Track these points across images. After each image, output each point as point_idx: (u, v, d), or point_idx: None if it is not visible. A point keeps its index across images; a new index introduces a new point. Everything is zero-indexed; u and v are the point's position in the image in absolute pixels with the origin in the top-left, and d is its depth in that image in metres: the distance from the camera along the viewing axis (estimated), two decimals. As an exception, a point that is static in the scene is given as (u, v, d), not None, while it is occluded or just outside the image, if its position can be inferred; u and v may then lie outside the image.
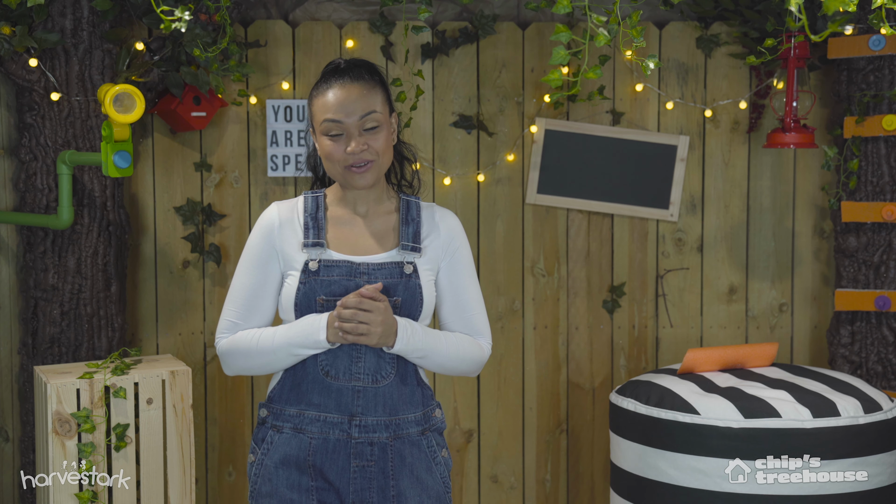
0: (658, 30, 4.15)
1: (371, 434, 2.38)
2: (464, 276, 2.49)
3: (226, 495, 4.14)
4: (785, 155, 4.20)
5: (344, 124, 2.36)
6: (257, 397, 4.13)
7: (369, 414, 2.38)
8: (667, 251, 4.22)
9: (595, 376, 4.25)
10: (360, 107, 2.36)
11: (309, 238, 2.41)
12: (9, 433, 3.96)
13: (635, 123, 4.17)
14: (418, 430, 2.43)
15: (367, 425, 2.38)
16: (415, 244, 2.43)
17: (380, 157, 2.38)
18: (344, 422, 2.37)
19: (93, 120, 3.70)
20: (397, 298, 2.38)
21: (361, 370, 2.37)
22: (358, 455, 2.38)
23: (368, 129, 2.37)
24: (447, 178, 4.12)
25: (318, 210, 2.44)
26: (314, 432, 2.37)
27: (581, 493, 4.28)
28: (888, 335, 3.93)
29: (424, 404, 2.45)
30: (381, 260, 2.41)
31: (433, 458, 2.45)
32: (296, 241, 2.42)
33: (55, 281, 3.71)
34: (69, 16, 3.64)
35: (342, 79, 2.38)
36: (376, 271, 2.39)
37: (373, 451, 2.39)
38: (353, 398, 2.37)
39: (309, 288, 2.37)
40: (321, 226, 2.42)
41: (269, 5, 4.08)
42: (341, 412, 2.37)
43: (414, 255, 2.42)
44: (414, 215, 2.47)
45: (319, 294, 2.36)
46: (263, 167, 4.07)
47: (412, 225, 2.45)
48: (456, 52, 4.12)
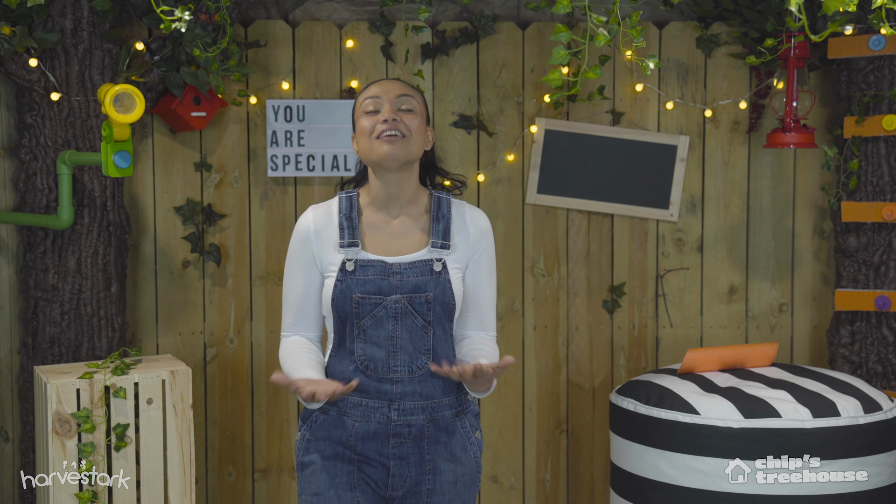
0: (658, 30, 4.15)
1: (409, 417, 2.53)
2: (485, 275, 2.63)
3: (226, 495, 4.14)
4: (785, 155, 4.20)
5: (381, 99, 2.53)
6: (257, 397, 4.13)
7: (407, 400, 2.53)
8: (667, 251, 4.22)
9: (595, 376, 4.25)
10: (397, 90, 2.55)
11: (345, 239, 2.54)
12: (9, 433, 3.96)
13: (635, 123, 4.17)
14: (452, 412, 2.58)
15: (405, 409, 2.53)
16: (444, 241, 2.56)
17: (412, 135, 2.52)
18: (384, 406, 2.53)
19: (93, 120, 3.71)
20: (429, 294, 2.51)
21: (399, 363, 2.52)
22: (397, 435, 2.54)
23: (404, 109, 2.54)
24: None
25: (351, 210, 2.58)
26: (356, 416, 2.53)
27: (581, 493, 4.28)
28: (888, 335, 3.93)
29: (459, 388, 2.59)
30: (412, 259, 2.54)
31: (468, 438, 2.61)
32: (332, 243, 2.56)
33: (55, 281, 3.71)
34: (69, 16, 3.64)
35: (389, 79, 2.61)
36: (407, 270, 2.52)
37: (410, 431, 2.54)
38: (391, 387, 2.52)
39: (345, 286, 2.51)
40: (355, 226, 2.56)
41: (269, 5, 4.08)
42: (381, 398, 2.53)
43: (443, 252, 2.56)
44: (444, 212, 2.60)
45: (355, 292, 2.50)
46: (263, 167, 4.07)
47: (442, 222, 2.58)
48: (456, 52, 4.12)
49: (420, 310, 2.51)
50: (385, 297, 2.50)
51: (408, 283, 2.51)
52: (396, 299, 2.50)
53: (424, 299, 2.51)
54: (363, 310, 2.51)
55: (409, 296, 2.50)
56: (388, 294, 2.50)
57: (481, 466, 2.66)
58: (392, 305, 2.50)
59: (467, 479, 2.60)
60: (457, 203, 2.63)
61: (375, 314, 2.51)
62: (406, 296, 2.50)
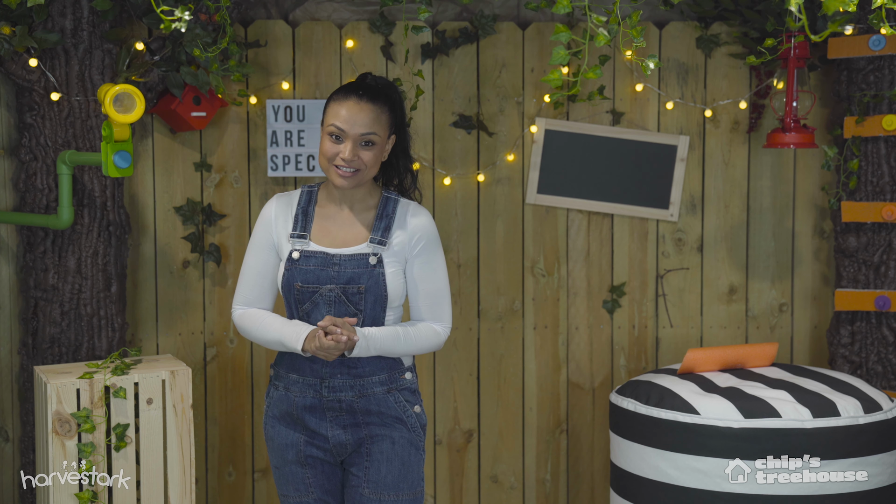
0: (658, 30, 4.15)
1: (339, 393, 2.78)
2: (426, 269, 2.82)
3: (226, 495, 4.14)
4: (785, 155, 4.20)
5: (346, 133, 2.73)
6: (257, 398, 4.13)
7: (336, 378, 2.78)
8: (667, 251, 4.22)
9: (595, 376, 4.25)
10: (363, 125, 2.73)
11: (295, 230, 2.82)
12: (9, 433, 3.96)
13: (635, 123, 4.17)
14: (383, 389, 2.80)
15: (334, 386, 2.78)
16: (382, 238, 2.78)
17: (366, 168, 2.75)
18: (316, 383, 2.79)
19: (93, 120, 3.71)
20: (361, 285, 2.75)
21: None
22: (330, 409, 2.80)
23: (365, 144, 2.74)
24: (447, 178, 4.12)
25: (309, 204, 2.85)
26: (296, 391, 2.82)
27: (581, 493, 4.28)
28: (888, 335, 3.93)
29: (390, 368, 2.80)
30: (350, 252, 2.78)
31: (403, 412, 2.81)
32: (286, 232, 2.83)
33: (55, 281, 3.71)
34: (69, 16, 3.64)
35: (361, 95, 2.75)
36: (346, 262, 2.76)
37: (341, 405, 2.79)
38: (322, 365, 2.78)
39: (290, 275, 2.78)
40: (309, 219, 2.83)
41: (269, 5, 4.08)
42: (314, 376, 2.79)
43: (380, 248, 2.78)
44: (389, 211, 2.82)
45: (297, 280, 2.77)
46: (263, 167, 4.08)
47: (385, 220, 2.81)
48: (456, 52, 4.12)
49: (353, 299, 2.75)
50: (321, 286, 2.75)
51: (343, 275, 2.75)
52: (331, 289, 2.75)
53: (357, 290, 2.75)
54: (303, 296, 2.77)
55: (343, 286, 2.74)
56: (325, 283, 2.75)
57: (422, 437, 2.85)
58: (327, 294, 2.75)
59: (405, 442, 2.80)
60: (403, 203, 2.85)
61: (314, 300, 2.76)
62: (340, 286, 2.74)
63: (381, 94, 2.77)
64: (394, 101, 2.80)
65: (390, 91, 2.81)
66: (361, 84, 2.79)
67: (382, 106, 2.76)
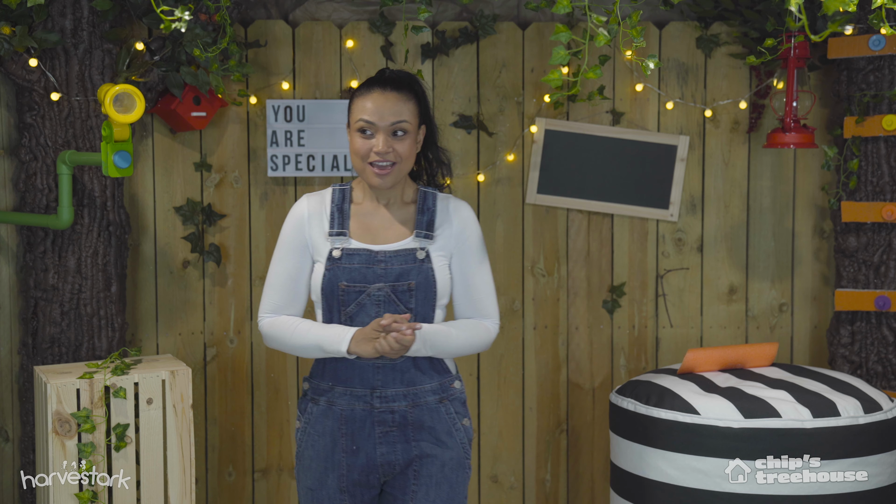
0: (658, 30, 4.15)
1: (391, 403, 2.65)
2: (473, 263, 2.72)
3: (226, 495, 4.14)
4: (785, 155, 4.20)
5: (376, 125, 2.62)
6: (257, 397, 4.13)
7: (388, 386, 2.65)
8: (667, 251, 4.22)
9: (595, 376, 4.25)
10: (392, 114, 2.62)
11: (333, 228, 2.68)
12: (9, 433, 3.96)
13: (635, 123, 4.17)
14: (436, 398, 2.68)
15: (386, 396, 2.65)
16: (428, 232, 2.68)
17: (402, 161, 2.64)
18: (367, 394, 2.65)
19: (93, 120, 3.71)
20: (411, 282, 2.62)
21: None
22: (381, 423, 2.65)
23: (397, 135, 2.63)
24: (447, 178, 4.12)
25: (343, 202, 2.71)
26: (343, 405, 2.66)
27: (581, 493, 4.28)
28: (888, 335, 3.93)
29: (441, 376, 2.69)
30: (396, 248, 2.66)
31: (453, 424, 2.69)
32: (322, 231, 2.69)
33: (55, 281, 3.71)
34: (69, 16, 3.64)
35: (384, 86, 2.65)
36: (392, 258, 2.64)
37: (394, 418, 2.65)
38: (373, 374, 2.64)
39: (333, 274, 2.64)
40: (346, 216, 2.69)
41: (269, 5, 4.08)
42: (364, 386, 2.64)
43: (427, 242, 2.67)
44: (430, 205, 2.72)
45: (342, 280, 2.63)
46: (263, 167, 4.08)
47: (427, 214, 2.70)
48: (456, 52, 4.12)
49: (403, 297, 2.62)
50: (369, 285, 2.62)
51: (391, 272, 2.62)
52: (379, 287, 2.62)
53: (407, 287, 2.62)
54: (348, 297, 2.63)
55: (392, 284, 2.62)
56: (372, 282, 2.62)
57: (469, 454, 2.73)
58: (375, 293, 2.62)
59: (454, 464, 2.67)
60: (441, 196, 2.76)
61: (360, 301, 2.62)
62: (389, 284, 2.62)
63: (404, 84, 2.68)
64: (417, 92, 2.71)
65: (412, 81, 2.72)
66: (383, 76, 2.70)
67: (408, 94, 2.67)
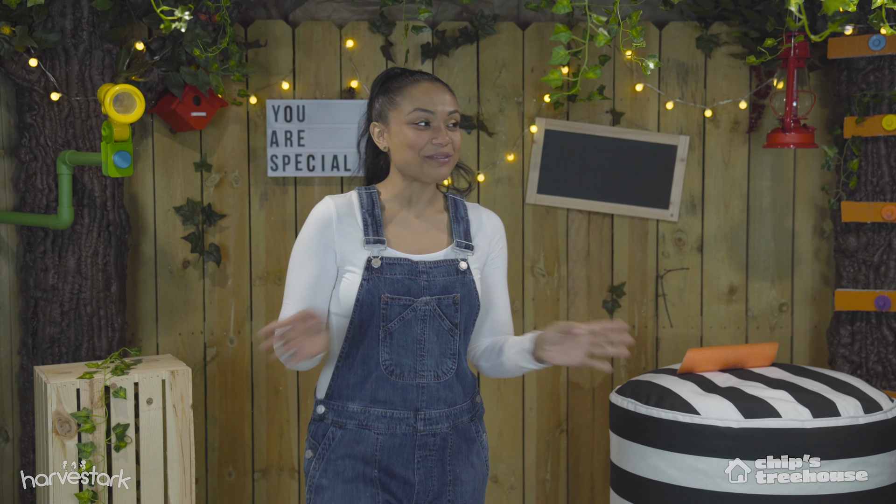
0: (658, 30, 4.15)
1: (434, 426, 2.44)
2: (500, 277, 2.58)
3: (226, 495, 4.14)
4: (785, 155, 4.20)
5: (435, 115, 2.41)
6: (257, 398, 4.13)
7: (432, 407, 2.44)
8: (667, 251, 4.22)
9: (595, 376, 4.25)
10: (449, 102, 2.43)
11: (370, 235, 2.42)
12: (9, 433, 3.96)
13: (635, 123, 4.16)
14: (468, 417, 2.51)
15: (430, 418, 2.44)
16: (468, 242, 2.49)
17: (455, 154, 2.45)
18: (410, 416, 2.42)
19: (93, 120, 3.70)
20: (456, 295, 2.43)
21: (426, 368, 2.42)
22: (422, 446, 2.44)
23: (452, 125, 2.44)
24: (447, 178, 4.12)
25: (374, 207, 2.46)
26: (381, 428, 2.42)
27: (581, 493, 4.28)
28: (888, 335, 3.93)
29: (473, 392, 2.53)
30: (437, 258, 2.45)
31: (480, 442, 2.55)
32: (355, 237, 2.42)
33: (55, 281, 3.71)
34: (69, 16, 3.64)
35: (430, 78, 2.46)
36: (433, 269, 2.43)
37: (435, 441, 2.45)
38: (417, 394, 2.42)
39: (373, 285, 2.38)
40: (379, 222, 2.44)
41: (269, 5, 4.08)
42: (406, 408, 2.42)
43: (467, 252, 2.48)
44: (462, 214, 2.54)
45: (384, 292, 2.38)
46: (263, 167, 4.07)
47: (462, 223, 2.52)
48: (456, 52, 4.12)
49: (448, 312, 2.42)
50: (415, 298, 2.39)
51: (436, 284, 2.42)
52: (426, 301, 2.40)
53: (452, 300, 2.43)
54: (391, 311, 2.39)
55: (438, 297, 2.41)
56: (418, 295, 2.40)
57: (489, 467, 2.63)
58: (422, 307, 2.40)
59: (481, 484, 2.56)
60: (471, 205, 2.59)
61: (404, 316, 2.39)
62: (435, 297, 2.41)
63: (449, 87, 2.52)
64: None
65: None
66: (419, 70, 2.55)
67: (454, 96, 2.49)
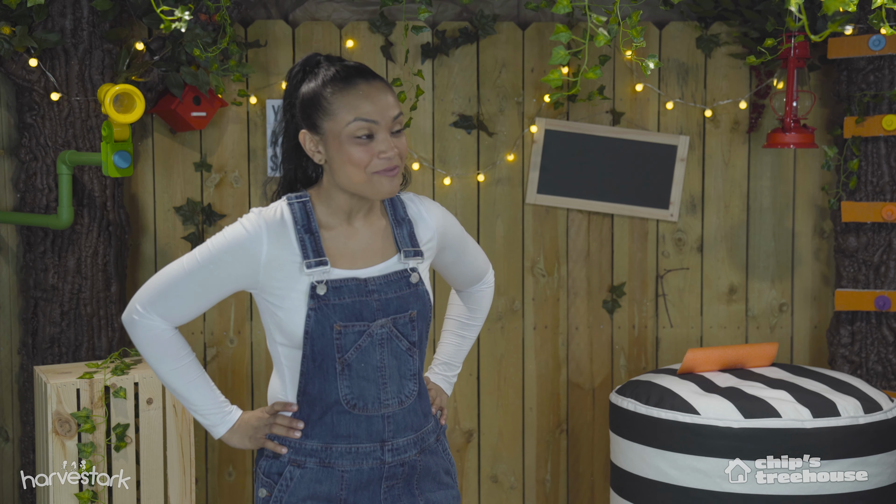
0: (658, 30, 4.15)
1: (402, 455, 2.25)
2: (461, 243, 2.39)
3: (226, 495, 4.14)
4: (785, 155, 4.20)
5: (378, 124, 2.12)
6: (257, 397, 4.13)
7: (400, 436, 2.24)
8: (667, 251, 4.22)
9: (595, 376, 4.25)
10: (392, 104, 2.14)
11: (310, 257, 2.14)
12: (9, 433, 3.96)
13: (635, 123, 4.17)
14: (434, 437, 2.34)
15: (398, 447, 2.24)
16: (416, 248, 2.24)
17: (402, 162, 2.17)
18: (376, 449, 2.22)
19: (93, 120, 3.71)
20: (412, 312, 2.21)
21: (389, 396, 2.21)
22: (390, 477, 2.25)
23: (396, 131, 2.15)
24: (447, 178, 4.12)
25: (309, 221, 2.18)
26: (346, 465, 2.21)
27: (581, 493, 4.28)
28: (888, 335, 3.93)
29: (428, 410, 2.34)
30: (385, 271, 2.20)
31: (448, 460, 2.38)
32: (290, 262, 2.15)
33: (55, 281, 3.71)
34: (69, 16, 3.64)
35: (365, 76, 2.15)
36: (384, 287, 2.19)
37: (403, 470, 2.26)
38: (384, 425, 2.22)
39: (322, 315, 2.13)
40: (318, 240, 2.16)
41: (269, 5, 4.08)
42: (372, 440, 2.21)
43: (416, 259, 2.23)
44: (402, 214, 2.26)
45: (335, 321, 2.13)
46: (263, 167, 4.08)
47: (405, 225, 2.26)
48: (456, 52, 4.12)
49: (405, 331, 2.20)
50: (370, 322, 2.16)
51: (390, 304, 2.18)
52: (382, 324, 2.17)
53: (409, 318, 2.20)
54: (346, 341, 2.15)
55: (394, 317, 2.18)
56: (372, 319, 2.16)
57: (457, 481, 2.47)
58: (378, 331, 2.17)
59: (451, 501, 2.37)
60: (407, 199, 2.29)
61: (360, 344, 2.16)
62: (391, 318, 2.17)
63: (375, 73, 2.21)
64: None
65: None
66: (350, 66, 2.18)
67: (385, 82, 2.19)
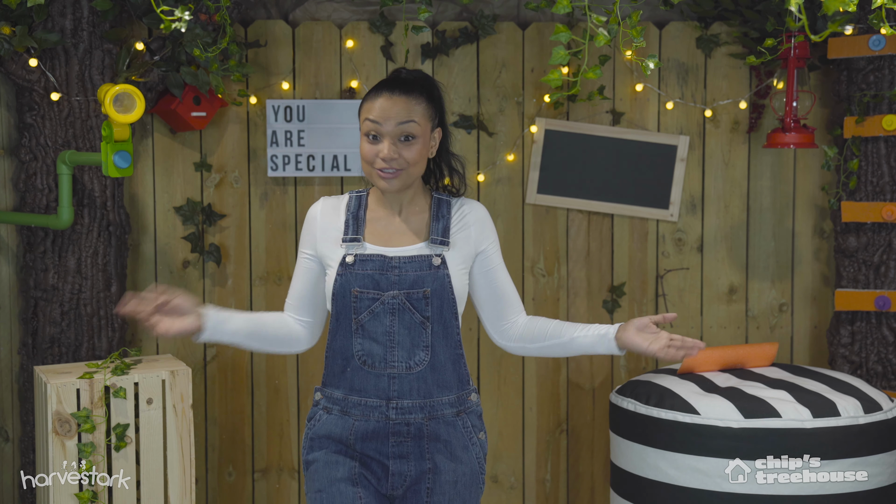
0: (658, 30, 4.15)
1: (407, 415, 2.55)
2: (497, 262, 2.65)
3: (226, 495, 4.14)
4: (785, 155, 4.20)
5: (382, 127, 2.51)
6: (257, 397, 4.13)
7: (405, 397, 2.55)
8: (667, 251, 4.22)
9: (595, 376, 4.25)
10: (399, 116, 2.51)
11: (348, 234, 2.59)
12: (9, 433, 3.96)
13: (635, 123, 4.17)
14: (453, 411, 2.59)
15: (402, 407, 2.55)
16: (443, 238, 2.58)
17: (410, 166, 2.53)
18: (382, 405, 2.55)
19: (93, 120, 3.71)
20: (426, 289, 2.53)
21: (396, 359, 2.54)
22: (396, 433, 2.56)
23: (404, 139, 2.52)
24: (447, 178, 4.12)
25: (359, 208, 2.62)
26: (357, 415, 2.56)
27: (581, 493, 4.28)
28: (888, 335, 3.93)
29: (460, 388, 2.60)
30: (410, 253, 2.56)
31: (469, 438, 2.60)
32: (335, 238, 2.60)
33: (55, 281, 3.71)
34: (69, 16, 3.64)
35: (393, 89, 2.54)
36: (406, 264, 2.54)
37: (409, 430, 2.56)
38: (389, 383, 2.55)
39: (345, 280, 2.54)
40: (360, 223, 2.60)
41: (269, 5, 4.08)
42: (379, 396, 2.55)
43: (442, 248, 2.57)
44: (444, 212, 2.62)
45: (354, 286, 2.54)
46: (263, 167, 4.08)
47: (442, 221, 2.60)
48: (456, 52, 4.12)
49: (418, 305, 2.53)
50: (383, 292, 2.53)
51: (406, 279, 2.53)
52: (394, 295, 2.52)
53: (422, 294, 2.53)
54: (361, 304, 2.53)
55: (407, 291, 2.52)
56: (386, 290, 2.53)
57: (484, 469, 2.63)
58: (389, 301, 2.52)
59: (468, 480, 2.59)
60: (455, 201, 2.66)
61: (373, 309, 2.53)
62: (404, 291, 2.52)
63: (415, 86, 2.55)
64: (431, 93, 2.59)
65: (426, 82, 2.59)
66: (394, 78, 2.58)
67: (418, 97, 2.54)
